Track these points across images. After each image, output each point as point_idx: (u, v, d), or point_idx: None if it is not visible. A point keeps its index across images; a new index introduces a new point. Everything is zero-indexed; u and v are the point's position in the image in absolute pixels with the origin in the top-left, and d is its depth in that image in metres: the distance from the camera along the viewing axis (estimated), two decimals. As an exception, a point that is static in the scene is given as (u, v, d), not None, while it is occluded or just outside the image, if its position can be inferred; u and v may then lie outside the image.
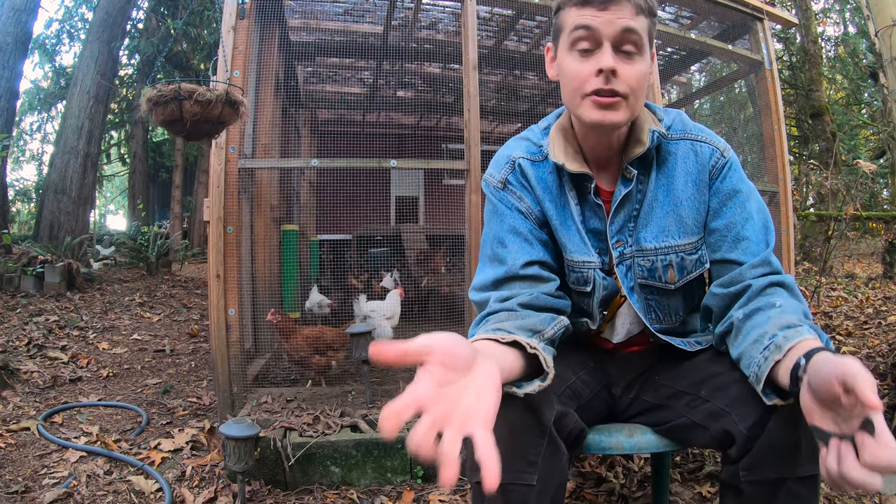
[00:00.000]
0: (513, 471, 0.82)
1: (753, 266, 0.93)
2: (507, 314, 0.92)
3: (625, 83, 0.90)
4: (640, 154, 0.97)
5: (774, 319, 0.84)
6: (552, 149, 1.01)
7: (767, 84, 2.91)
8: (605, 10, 0.88)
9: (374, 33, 3.48)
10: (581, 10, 0.90)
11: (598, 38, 0.89)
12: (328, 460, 1.79)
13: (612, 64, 0.88)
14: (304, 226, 4.52)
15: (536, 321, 0.89)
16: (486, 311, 0.96)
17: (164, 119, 1.67)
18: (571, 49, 0.92)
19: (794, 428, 0.79)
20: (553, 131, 1.04)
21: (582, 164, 1.00)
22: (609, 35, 0.89)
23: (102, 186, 16.80)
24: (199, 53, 9.70)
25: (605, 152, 1.01)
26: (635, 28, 0.89)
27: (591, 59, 0.90)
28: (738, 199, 0.98)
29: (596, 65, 0.89)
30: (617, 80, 0.89)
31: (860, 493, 1.70)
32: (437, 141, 6.55)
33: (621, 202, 1.00)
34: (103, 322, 4.07)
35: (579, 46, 0.91)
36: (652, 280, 1.02)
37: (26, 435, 2.17)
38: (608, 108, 0.91)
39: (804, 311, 0.87)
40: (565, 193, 1.02)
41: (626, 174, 1.00)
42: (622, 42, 0.89)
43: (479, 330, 0.88)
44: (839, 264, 6.21)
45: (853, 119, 11.93)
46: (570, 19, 0.91)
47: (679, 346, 1.03)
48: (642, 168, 1.00)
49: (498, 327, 0.85)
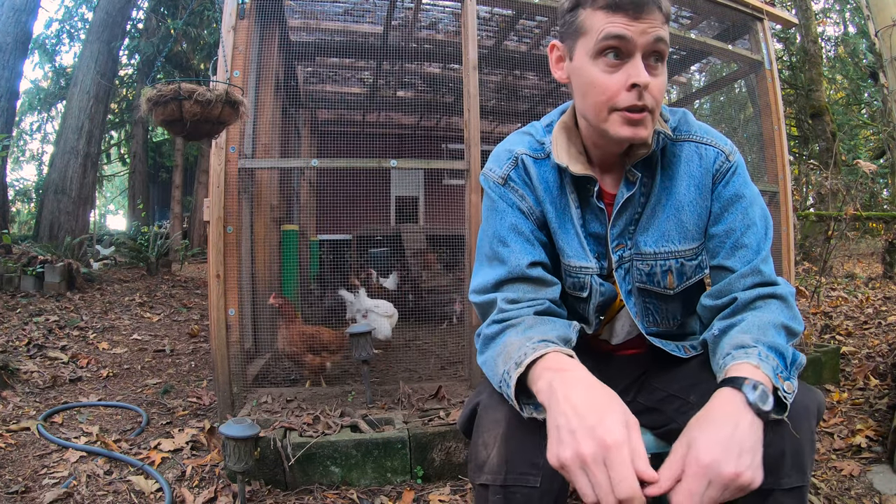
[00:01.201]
0: (516, 472, 0.81)
1: (743, 276, 0.91)
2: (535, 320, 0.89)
3: (652, 97, 0.86)
4: (644, 156, 0.94)
5: (733, 338, 0.84)
6: (555, 149, 0.98)
7: (767, 84, 2.91)
8: (638, 18, 0.83)
9: (374, 33, 3.48)
10: (611, 17, 0.84)
11: (631, 49, 0.84)
12: (328, 460, 1.79)
13: (647, 79, 0.84)
14: (304, 226, 4.52)
15: (565, 329, 0.89)
16: (501, 316, 0.92)
17: (164, 119, 1.67)
18: (598, 57, 0.86)
19: (779, 439, 0.79)
20: (556, 130, 1.00)
21: (586, 165, 0.97)
22: (642, 45, 0.84)
23: (102, 186, 16.79)
24: (199, 53, 9.70)
25: (612, 156, 0.98)
26: (665, 37, 0.84)
27: (621, 71, 0.85)
28: (740, 204, 0.95)
29: (628, 78, 0.84)
30: (647, 94, 0.85)
31: (855, 494, 1.70)
32: (437, 141, 6.55)
33: (623, 205, 0.97)
34: (103, 322, 4.07)
35: (608, 56, 0.85)
36: (650, 285, 1.00)
37: (26, 435, 2.17)
38: (638, 125, 0.87)
39: (778, 323, 0.85)
40: (566, 195, 0.99)
41: (630, 176, 0.96)
42: (652, 53, 0.85)
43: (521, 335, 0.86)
44: (839, 264, 6.21)
45: (853, 119, 11.92)
46: (597, 23, 0.85)
47: (673, 353, 1.02)
48: (646, 170, 0.97)
49: (545, 338, 0.83)
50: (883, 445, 1.96)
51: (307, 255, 4.59)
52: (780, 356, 0.79)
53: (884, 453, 1.92)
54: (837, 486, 1.75)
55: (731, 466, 0.67)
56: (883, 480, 1.76)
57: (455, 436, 1.83)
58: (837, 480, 1.78)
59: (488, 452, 0.83)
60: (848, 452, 1.97)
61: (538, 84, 4.65)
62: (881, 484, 1.74)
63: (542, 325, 0.88)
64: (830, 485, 1.76)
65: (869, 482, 1.76)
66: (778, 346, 0.81)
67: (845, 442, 2.03)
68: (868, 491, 1.72)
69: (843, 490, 1.73)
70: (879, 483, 1.74)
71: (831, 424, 2.19)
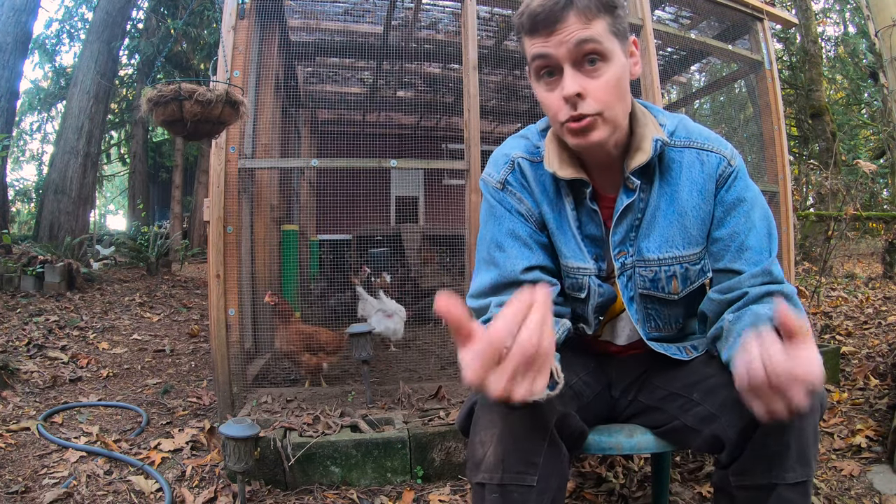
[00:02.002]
0: (513, 471, 0.82)
1: (754, 276, 0.93)
2: None
3: (593, 100, 0.87)
4: (642, 163, 0.94)
5: (749, 317, 0.85)
6: (547, 155, 0.99)
7: (767, 84, 2.91)
8: (552, 32, 0.85)
9: (374, 33, 3.48)
10: (532, 39, 0.88)
11: (557, 63, 0.87)
12: (328, 460, 1.79)
13: (575, 89, 0.86)
14: (304, 226, 4.52)
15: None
16: (487, 318, 0.93)
17: (165, 119, 1.67)
18: (538, 79, 0.91)
19: (782, 433, 0.79)
20: (548, 137, 1.01)
21: (577, 169, 0.97)
22: (564, 56, 0.86)
23: (102, 186, 16.79)
24: (199, 53, 9.70)
25: (603, 160, 0.98)
26: (590, 37, 0.85)
27: (558, 87, 0.89)
28: (742, 207, 0.96)
29: (560, 92, 0.88)
30: (584, 101, 0.87)
31: (855, 494, 1.70)
32: (437, 141, 6.55)
33: (623, 212, 0.98)
34: (103, 322, 4.07)
35: (542, 75, 0.90)
36: (654, 291, 1.01)
37: (26, 435, 2.17)
38: (584, 132, 0.89)
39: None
40: (562, 197, 1.00)
41: (629, 184, 0.97)
42: (580, 56, 0.86)
43: None
44: (839, 264, 6.21)
45: (853, 119, 11.93)
46: (528, 49, 0.90)
47: (674, 356, 1.03)
48: (644, 177, 0.98)
49: None
50: (883, 445, 1.97)
51: (307, 255, 4.59)
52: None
53: (884, 453, 1.92)
54: (837, 486, 1.75)
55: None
56: (883, 480, 1.76)
57: (455, 436, 1.83)
58: (837, 480, 1.78)
59: (485, 451, 0.83)
60: (848, 452, 1.97)
61: (538, 84, 4.64)
62: (881, 484, 1.74)
63: None
64: (830, 485, 1.76)
65: (869, 482, 1.76)
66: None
67: (845, 442, 2.03)
68: (868, 491, 1.72)
69: (843, 490, 1.73)
70: (879, 483, 1.75)
71: (831, 424, 2.20)
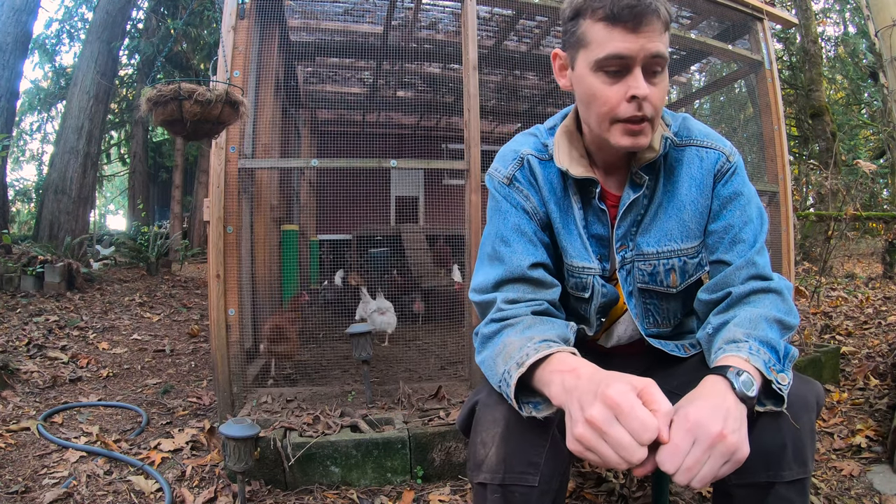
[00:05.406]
0: (515, 472, 0.82)
1: (738, 268, 0.93)
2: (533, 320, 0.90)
3: (652, 106, 0.88)
4: (651, 160, 0.96)
5: (725, 334, 0.85)
6: (556, 152, 0.99)
7: (767, 84, 2.91)
8: (637, 31, 0.83)
9: (374, 33, 3.48)
10: (610, 31, 0.85)
11: (630, 64, 0.86)
12: (328, 460, 1.79)
13: (647, 92, 0.86)
14: (304, 226, 4.52)
15: (563, 329, 0.89)
16: (499, 315, 0.92)
17: (164, 119, 1.67)
18: (598, 70, 0.88)
19: (780, 432, 0.79)
20: (558, 134, 1.02)
21: (587, 168, 0.99)
22: (641, 59, 0.85)
23: (102, 186, 16.80)
24: (199, 53, 9.69)
25: (615, 160, 1.00)
26: (663, 52, 0.86)
27: (621, 83, 0.87)
28: (739, 202, 0.98)
29: (628, 90, 0.86)
30: (646, 104, 0.87)
31: (855, 494, 1.70)
32: (437, 141, 6.55)
33: (629, 207, 0.99)
34: (103, 322, 4.07)
35: (608, 69, 0.87)
36: (653, 284, 1.02)
37: (26, 435, 2.17)
38: (638, 135, 0.89)
39: (771, 318, 0.86)
40: (569, 197, 1.01)
41: (637, 179, 0.98)
42: (651, 63, 0.86)
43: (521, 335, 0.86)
44: (839, 264, 6.21)
45: (853, 119, 11.93)
46: (597, 37, 0.86)
47: (672, 353, 1.03)
48: (650, 173, 0.99)
49: (546, 338, 0.83)
50: (883, 445, 1.96)
51: (307, 255, 4.59)
52: (772, 350, 0.80)
53: (884, 453, 1.92)
54: (837, 486, 1.75)
55: (717, 425, 0.67)
56: (883, 480, 1.76)
57: (455, 436, 1.83)
58: (837, 480, 1.78)
59: (487, 451, 0.83)
60: (848, 452, 1.97)
61: (538, 84, 4.65)
62: (881, 484, 1.74)
63: (540, 326, 0.88)
64: (830, 485, 1.76)
65: (869, 482, 1.76)
66: (770, 339, 0.82)
67: (845, 442, 2.03)
68: (868, 491, 1.72)
69: (843, 490, 1.73)
70: (879, 483, 1.75)
71: (831, 424, 2.19)
